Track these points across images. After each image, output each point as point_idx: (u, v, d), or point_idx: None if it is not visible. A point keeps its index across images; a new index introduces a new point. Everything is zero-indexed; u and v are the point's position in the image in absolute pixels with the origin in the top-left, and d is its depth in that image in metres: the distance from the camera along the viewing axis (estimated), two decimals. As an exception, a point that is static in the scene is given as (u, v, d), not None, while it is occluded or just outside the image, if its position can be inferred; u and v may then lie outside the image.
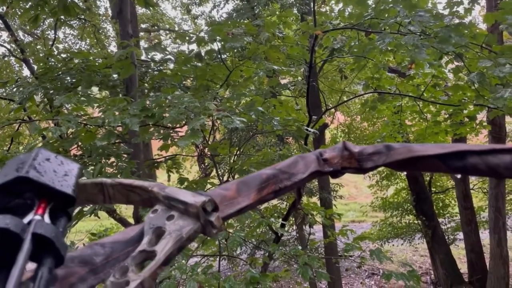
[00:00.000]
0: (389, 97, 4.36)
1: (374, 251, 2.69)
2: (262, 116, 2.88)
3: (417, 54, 2.30)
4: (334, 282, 8.27)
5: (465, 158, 0.56)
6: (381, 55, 3.72)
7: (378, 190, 12.36)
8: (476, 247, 10.21)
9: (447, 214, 11.75)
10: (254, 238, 5.19)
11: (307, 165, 0.69)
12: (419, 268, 12.25)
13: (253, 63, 3.30)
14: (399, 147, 0.65)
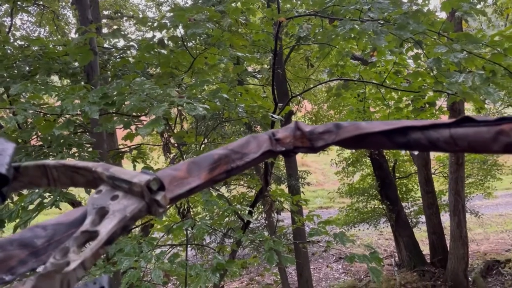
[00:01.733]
0: (353, 84, 4.43)
1: (337, 235, 2.76)
2: (227, 103, 2.87)
3: (376, 40, 2.34)
4: (302, 267, 8.43)
5: (408, 134, 0.58)
6: (344, 42, 3.77)
7: (345, 176, 12.62)
8: (437, 229, 10.65)
9: (410, 198, 12.16)
10: (222, 226, 5.20)
11: (259, 145, 0.69)
12: (384, 251, 12.66)
13: (217, 50, 3.27)
14: (348, 125, 0.66)
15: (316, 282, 10.45)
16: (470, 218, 11.29)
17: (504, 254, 11.50)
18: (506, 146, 0.49)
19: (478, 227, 13.67)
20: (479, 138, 0.51)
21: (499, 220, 14.32)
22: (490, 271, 10.53)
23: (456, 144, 0.54)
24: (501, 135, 0.49)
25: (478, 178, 12.09)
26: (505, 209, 15.21)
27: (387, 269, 11.08)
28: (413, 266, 10.36)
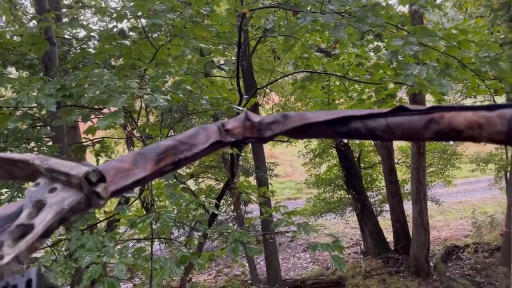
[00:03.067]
0: (317, 76, 4.48)
1: (301, 225, 2.81)
2: (190, 95, 2.84)
3: (336, 32, 2.39)
4: (270, 257, 8.53)
5: (349, 123, 0.60)
6: (308, 35, 3.81)
7: (312, 167, 12.80)
8: (400, 217, 11.02)
9: (375, 187, 12.50)
10: (189, 219, 5.17)
11: (208, 135, 0.69)
12: (350, 239, 12.98)
13: (181, 41, 3.22)
14: (294, 115, 0.67)
15: (285, 272, 10.60)
16: (431, 205, 11.74)
17: (463, 239, 12.04)
18: (436, 134, 0.52)
19: (439, 214, 14.23)
20: (412, 126, 0.53)
21: (458, 207, 14.97)
22: (450, 256, 11.01)
23: (392, 132, 0.56)
24: (432, 123, 0.52)
25: (438, 167, 12.56)
26: (464, 196, 15.90)
27: (353, 257, 11.38)
28: (378, 253, 10.69)
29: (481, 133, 0.48)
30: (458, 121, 0.49)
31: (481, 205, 14.33)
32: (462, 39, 2.52)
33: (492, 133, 0.47)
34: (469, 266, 10.19)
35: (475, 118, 0.48)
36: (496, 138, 0.47)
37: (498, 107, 0.47)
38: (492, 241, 11.32)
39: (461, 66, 2.55)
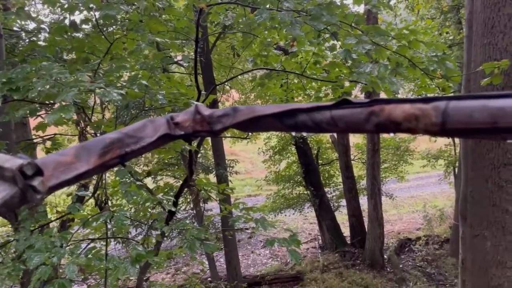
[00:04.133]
0: (276, 73, 4.52)
1: (258, 220, 2.83)
2: (146, 90, 2.78)
3: (292, 30, 2.42)
4: (230, 254, 8.54)
5: (296, 116, 0.60)
6: (266, 32, 3.83)
7: (272, 164, 12.91)
8: (356, 212, 11.35)
9: (332, 183, 12.79)
10: (147, 218, 5.07)
11: (156, 128, 0.68)
12: (308, 234, 13.23)
13: (136, 35, 3.14)
14: (244, 108, 0.67)
15: (245, 269, 10.64)
16: (386, 200, 12.17)
17: (415, 232, 12.58)
18: (377, 126, 0.53)
19: (393, 209, 14.78)
20: (354, 118, 0.55)
21: (411, 201, 15.61)
22: (403, 249, 11.47)
23: (336, 125, 0.57)
24: (372, 115, 0.53)
25: (392, 163, 13.04)
26: (416, 191, 16.61)
27: (312, 252, 11.60)
28: (335, 248, 10.95)
29: (417, 125, 0.50)
30: (397, 113, 0.51)
31: (432, 199, 15.03)
32: (413, 39, 2.63)
33: (428, 125, 0.49)
34: (421, 258, 10.66)
35: (412, 110, 0.50)
36: (431, 130, 0.49)
37: (433, 99, 0.49)
38: (441, 233, 11.89)
39: (411, 65, 2.66)
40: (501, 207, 2.68)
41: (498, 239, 2.74)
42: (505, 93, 0.44)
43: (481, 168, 2.76)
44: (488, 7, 2.55)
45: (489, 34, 2.58)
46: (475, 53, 2.73)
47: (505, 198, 2.63)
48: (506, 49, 2.50)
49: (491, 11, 2.53)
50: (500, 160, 2.62)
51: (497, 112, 0.43)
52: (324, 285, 9.10)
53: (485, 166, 2.74)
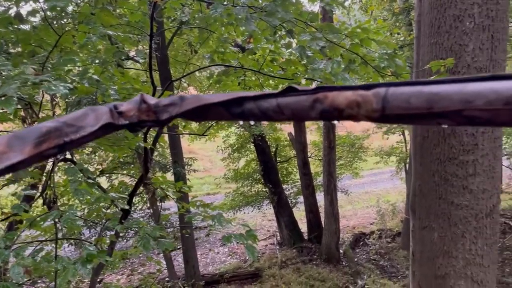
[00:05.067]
0: (233, 70, 4.50)
1: (215, 216, 2.81)
2: (97, 85, 2.68)
3: (247, 25, 2.42)
4: (188, 253, 8.44)
5: (243, 104, 0.60)
6: (223, 28, 3.80)
7: (231, 162, 12.89)
8: (313, 208, 11.57)
9: (290, 180, 12.96)
10: (101, 218, 4.91)
11: (97, 117, 0.65)
12: (267, 231, 13.33)
13: (87, 28, 3.02)
14: (191, 97, 0.66)
15: (203, 267, 10.57)
16: (341, 196, 12.49)
17: (368, 227, 13.00)
18: (321, 113, 0.54)
19: (348, 204, 15.20)
20: (300, 106, 0.55)
21: (365, 197, 16.12)
22: (358, 243, 11.82)
23: (283, 113, 0.57)
24: (317, 102, 0.54)
25: (347, 160, 13.39)
26: (370, 187, 17.17)
27: (270, 248, 11.70)
28: (293, 244, 11.12)
29: (359, 112, 0.51)
30: (340, 100, 0.52)
31: (385, 194, 15.60)
32: (365, 37, 2.71)
33: (369, 111, 0.50)
34: (374, 251, 11.03)
35: (354, 97, 0.51)
36: (372, 116, 0.50)
37: (374, 86, 0.50)
38: (394, 227, 12.36)
39: (364, 62, 2.74)
40: (447, 200, 2.82)
41: (444, 230, 2.88)
42: (440, 80, 0.46)
43: (428, 163, 2.88)
44: (434, 8, 2.67)
45: (436, 34, 2.70)
46: (423, 52, 2.85)
47: (450, 191, 2.77)
48: (451, 49, 2.63)
49: (438, 12, 2.65)
50: (446, 155, 2.75)
51: (432, 97, 0.45)
52: (282, 280, 9.21)
53: (432, 161, 2.86)
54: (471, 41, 2.58)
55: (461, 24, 2.57)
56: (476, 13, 2.55)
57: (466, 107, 0.43)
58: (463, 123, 0.44)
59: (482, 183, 2.74)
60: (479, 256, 2.85)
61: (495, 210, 2.84)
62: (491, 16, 2.57)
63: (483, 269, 2.88)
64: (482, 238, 2.83)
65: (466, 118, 0.43)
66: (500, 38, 2.64)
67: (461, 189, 2.74)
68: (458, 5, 2.56)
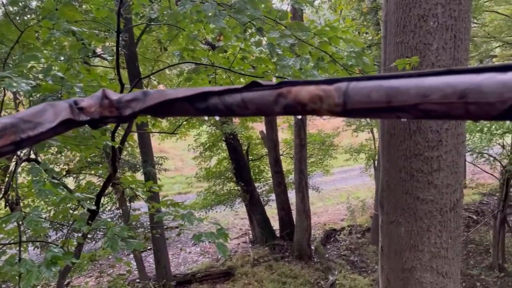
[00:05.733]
0: (203, 68, 4.47)
1: (185, 215, 2.78)
2: (62, 82, 2.61)
3: (216, 22, 2.41)
4: (159, 253, 8.34)
5: (207, 99, 0.59)
6: (192, 25, 3.76)
7: (202, 161, 12.81)
8: (285, 206, 11.66)
9: (262, 178, 13.00)
10: (68, 219, 4.77)
11: (57, 113, 0.63)
12: (239, 230, 13.34)
13: (51, 23, 2.93)
14: (154, 92, 0.65)
15: (175, 267, 10.46)
16: (312, 193, 12.63)
17: (339, 223, 13.22)
18: (285, 108, 0.54)
19: (319, 201, 15.40)
20: (264, 101, 0.55)
21: (336, 194, 16.38)
22: (329, 239, 12.00)
23: (247, 108, 0.57)
24: (280, 97, 0.54)
25: (318, 158, 13.56)
26: (340, 184, 17.46)
27: (243, 247, 11.71)
28: (265, 241, 11.17)
29: (322, 106, 0.51)
30: (303, 94, 0.52)
31: (355, 191, 15.89)
32: (333, 36, 2.75)
33: (331, 106, 0.50)
34: (345, 247, 11.23)
35: (316, 91, 0.51)
36: (334, 110, 0.50)
37: (336, 81, 0.51)
38: (363, 223, 12.62)
39: (332, 60, 2.78)
40: (413, 195, 2.90)
41: (410, 225, 2.96)
42: (398, 74, 0.47)
43: (395, 159, 2.96)
44: (400, 8, 2.73)
45: (401, 33, 2.76)
46: (389, 51, 2.92)
47: (416, 186, 2.85)
48: (416, 47, 2.70)
49: (403, 11, 2.71)
50: (412, 151, 2.83)
51: (391, 92, 0.46)
52: (254, 278, 9.24)
53: (399, 157, 2.94)
54: (435, 40, 2.66)
55: (425, 24, 2.65)
56: (439, 13, 2.63)
57: (423, 101, 0.44)
58: (421, 116, 0.45)
59: (446, 178, 2.83)
60: (444, 249, 2.95)
61: (459, 204, 2.95)
62: (453, 16, 2.66)
63: (448, 262, 2.98)
64: (447, 231, 2.93)
65: (423, 112, 0.44)
66: (463, 38, 2.73)
67: (426, 184, 2.82)
68: (423, 5, 2.63)
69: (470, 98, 0.41)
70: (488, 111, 0.41)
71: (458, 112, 0.42)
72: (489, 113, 0.41)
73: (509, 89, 0.39)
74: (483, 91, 0.40)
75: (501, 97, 0.39)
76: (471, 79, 0.41)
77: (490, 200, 13.55)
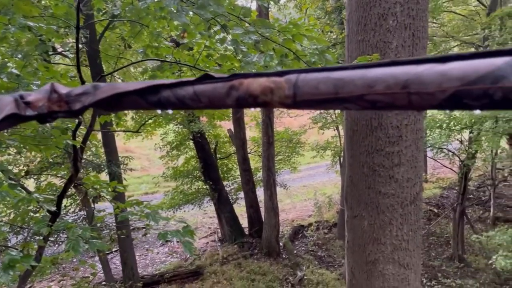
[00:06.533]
0: (168, 66, 4.41)
1: (150, 214, 2.74)
2: (17, 80, 2.50)
3: (178, 18, 2.38)
4: (126, 255, 8.18)
5: (159, 92, 0.58)
6: (156, 22, 3.70)
7: (170, 160, 12.64)
8: (254, 203, 11.70)
9: (230, 177, 12.99)
10: (27, 222, 4.59)
11: (0, 108, 0.61)
12: (208, 229, 13.28)
13: (6, 18, 2.80)
14: (105, 85, 0.63)
15: (142, 268, 10.29)
16: (280, 190, 12.74)
17: (307, 219, 13.39)
18: (237, 100, 0.54)
19: (287, 198, 15.55)
20: (216, 93, 0.55)
21: (303, 190, 16.59)
22: (297, 235, 12.14)
23: (200, 100, 0.56)
24: (232, 89, 0.54)
25: (286, 155, 13.68)
26: (307, 180, 17.70)
27: (211, 245, 11.67)
28: (234, 239, 11.17)
29: (273, 98, 0.51)
30: (254, 87, 0.52)
31: (321, 187, 16.14)
32: (296, 33, 2.77)
33: (282, 97, 0.51)
34: (312, 243, 11.39)
35: (267, 83, 0.51)
36: (285, 102, 0.51)
37: (286, 72, 0.51)
38: (330, 218, 12.85)
39: (296, 58, 2.81)
40: (375, 189, 2.97)
41: (373, 218, 3.04)
42: (345, 66, 0.47)
43: (358, 155, 3.02)
44: (361, 7, 2.79)
45: (363, 32, 2.82)
46: (351, 49, 2.98)
47: (378, 180, 2.92)
48: (376, 45, 2.77)
49: (364, 10, 2.77)
50: (373, 147, 2.90)
51: (338, 83, 0.46)
52: (223, 277, 9.22)
53: (361, 153, 3.00)
54: (394, 38, 2.73)
55: (385, 22, 2.72)
56: (398, 12, 2.70)
57: (369, 92, 0.45)
58: (367, 107, 0.46)
59: (406, 172, 2.92)
60: (405, 241, 3.04)
61: (418, 198, 3.05)
62: (412, 15, 2.74)
63: (409, 253, 3.07)
64: (408, 224, 3.02)
65: (369, 103, 0.45)
66: (421, 36, 2.82)
67: (388, 179, 2.90)
68: (382, 4, 2.70)
69: (412, 89, 0.42)
70: (429, 100, 0.42)
71: (401, 102, 0.43)
72: (430, 102, 0.42)
73: (448, 79, 0.40)
74: (423, 81, 0.41)
75: (440, 87, 0.41)
76: (412, 70, 0.42)
77: (450, 194, 14.11)
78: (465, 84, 0.40)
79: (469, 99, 0.40)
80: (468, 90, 0.40)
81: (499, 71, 0.38)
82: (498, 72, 0.38)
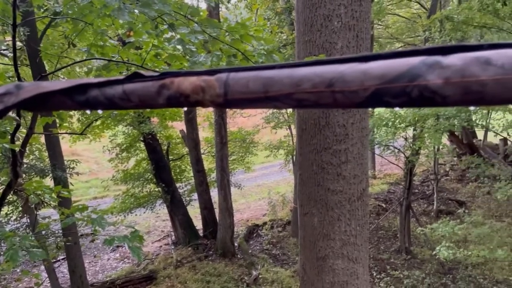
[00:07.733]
0: (114, 65, 4.27)
1: (95, 219, 2.64)
2: None
3: (120, 15, 2.32)
4: (74, 263, 7.84)
5: (87, 92, 0.56)
6: (100, 20, 3.57)
7: (119, 163, 12.25)
8: (208, 205, 11.61)
9: (184, 178, 12.80)
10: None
11: None
12: (161, 232, 13.01)
13: None
14: (29, 85, 0.60)
15: (92, 276, 9.91)
16: (235, 191, 12.74)
17: (261, 218, 13.49)
18: (168, 99, 0.53)
19: (241, 198, 15.59)
20: (146, 92, 0.53)
21: (257, 190, 16.69)
22: (252, 235, 12.19)
23: (130, 100, 0.55)
24: (163, 88, 0.52)
25: (239, 155, 13.70)
26: (261, 180, 17.83)
27: (165, 249, 11.44)
28: (188, 242, 11.02)
29: (204, 97, 0.51)
30: (185, 85, 0.51)
31: (275, 186, 16.32)
32: (244, 33, 2.78)
33: (213, 96, 0.50)
34: (267, 241, 11.49)
35: (198, 82, 0.51)
36: (216, 101, 0.50)
37: (217, 71, 0.51)
38: (284, 216, 13.01)
39: (244, 58, 2.82)
40: (324, 186, 3.04)
41: (323, 215, 3.11)
42: (274, 65, 0.48)
43: (307, 153, 3.08)
44: (307, 7, 2.85)
45: (309, 32, 2.88)
46: (299, 49, 3.03)
47: (327, 178, 2.99)
48: (323, 46, 2.83)
49: (310, 11, 2.83)
50: (321, 145, 2.97)
51: (267, 82, 0.47)
52: (178, 280, 9.08)
53: (311, 151, 3.06)
54: (339, 39, 2.81)
55: (330, 23, 2.79)
56: (343, 14, 2.78)
57: (296, 90, 0.45)
58: (295, 105, 0.47)
59: (353, 169, 3.01)
60: (353, 236, 3.14)
61: (365, 193, 3.15)
62: (355, 17, 2.83)
63: (357, 248, 3.18)
64: (355, 219, 3.12)
65: (297, 101, 0.46)
66: (364, 37, 2.92)
67: (336, 176, 2.98)
68: (327, 5, 2.77)
69: (337, 87, 0.43)
70: (352, 98, 0.43)
71: (327, 101, 0.44)
72: (354, 100, 0.43)
73: (369, 77, 0.42)
74: (346, 79, 0.42)
75: (362, 85, 0.42)
76: (336, 69, 0.43)
77: (397, 189, 14.75)
78: (385, 82, 0.41)
79: (389, 96, 0.41)
80: (387, 88, 0.41)
81: (415, 70, 0.40)
82: (414, 71, 0.40)
